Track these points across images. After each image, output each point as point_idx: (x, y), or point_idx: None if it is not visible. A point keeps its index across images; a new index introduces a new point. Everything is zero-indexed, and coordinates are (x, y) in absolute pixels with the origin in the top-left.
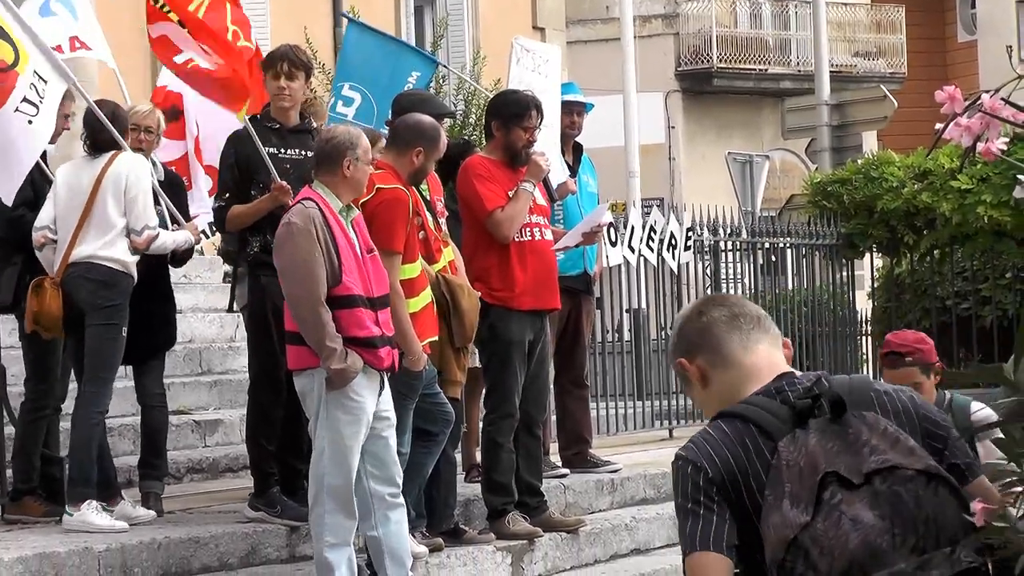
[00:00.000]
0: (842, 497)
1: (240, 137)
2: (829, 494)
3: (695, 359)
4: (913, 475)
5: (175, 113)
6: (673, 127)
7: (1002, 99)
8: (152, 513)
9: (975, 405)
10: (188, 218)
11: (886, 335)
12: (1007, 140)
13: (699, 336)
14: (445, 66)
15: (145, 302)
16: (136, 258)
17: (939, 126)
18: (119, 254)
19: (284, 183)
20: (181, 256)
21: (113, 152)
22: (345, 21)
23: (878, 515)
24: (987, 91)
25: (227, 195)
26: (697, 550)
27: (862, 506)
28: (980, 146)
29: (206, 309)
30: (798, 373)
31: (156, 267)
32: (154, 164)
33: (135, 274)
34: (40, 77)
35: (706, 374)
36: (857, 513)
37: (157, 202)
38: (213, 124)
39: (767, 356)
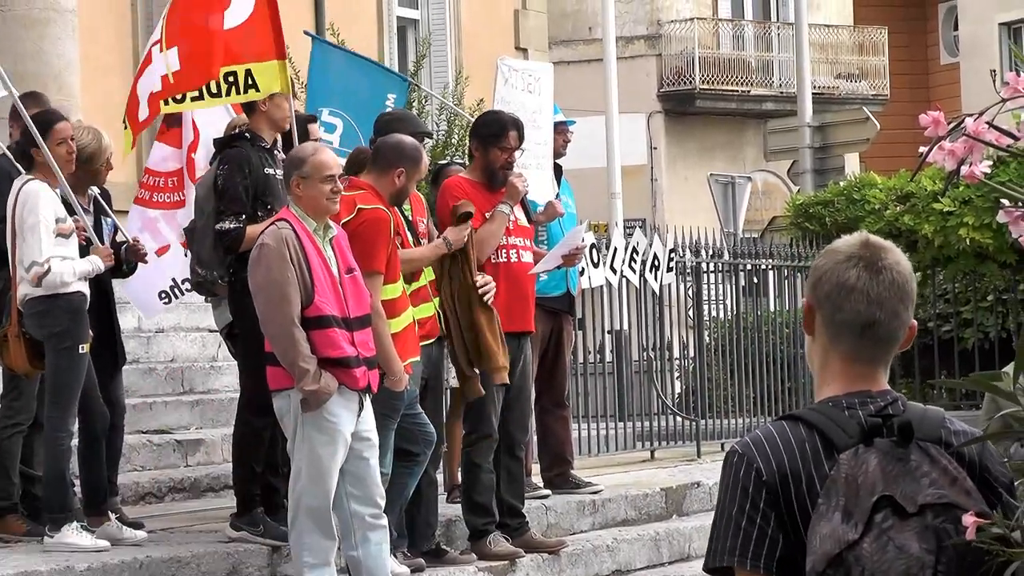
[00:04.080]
0: (893, 523)
1: (247, 157)
2: (881, 517)
3: (813, 301)
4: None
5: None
6: (655, 148)
7: (986, 123)
8: (141, 534)
9: None
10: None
11: None
12: (990, 163)
13: (830, 295)
14: (419, 86)
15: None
16: (75, 271)
17: (923, 150)
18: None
19: None
20: (126, 268)
21: (23, 179)
22: (309, 39)
23: (925, 548)
24: (971, 114)
25: (243, 216)
26: (741, 567)
27: (910, 536)
28: (964, 169)
29: (188, 328)
30: (874, 390)
31: (96, 286)
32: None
33: (81, 288)
34: None
35: (814, 324)
36: (905, 542)
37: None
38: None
39: (861, 371)
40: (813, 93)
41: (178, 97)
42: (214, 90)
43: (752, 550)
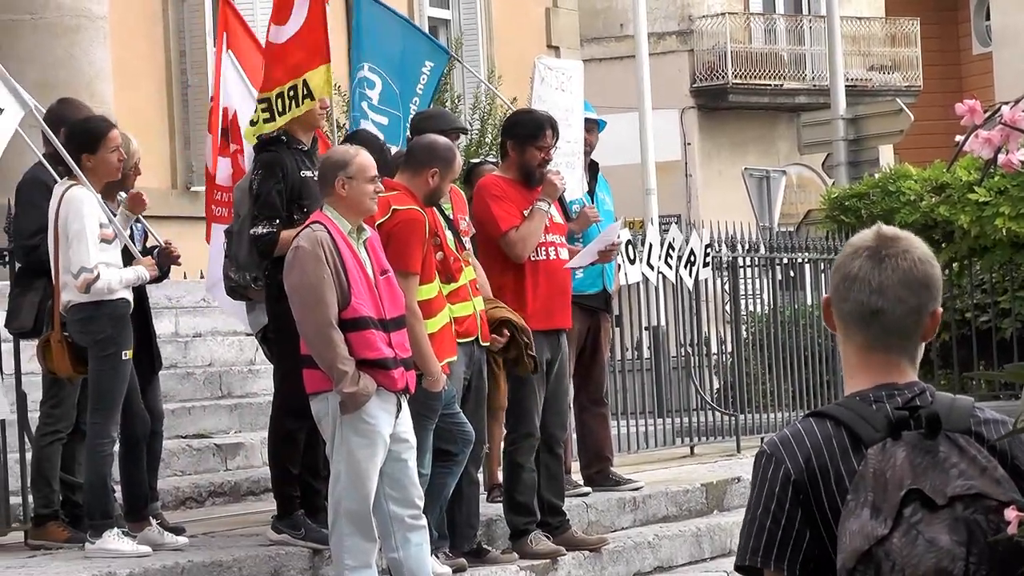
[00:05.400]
0: (922, 516)
1: (280, 161)
2: (910, 511)
3: (831, 295)
4: (996, 506)
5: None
6: (689, 144)
7: (1023, 111)
8: (182, 539)
9: None
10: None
11: None
12: None
13: (837, 287)
14: (458, 59)
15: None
16: (121, 280)
17: (959, 138)
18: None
19: None
20: (160, 272)
21: (64, 185)
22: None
23: (955, 541)
24: (1007, 103)
25: (277, 221)
26: (765, 567)
27: (940, 528)
28: (1000, 158)
29: (225, 332)
30: (900, 382)
31: (133, 291)
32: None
33: (125, 295)
34: None
35: (833, 319)
36: (935, 535)
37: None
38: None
39: (880, 361)
40: (846, 86)
41: (266, 118)
42: (280, 108)
43: (776, 551)
